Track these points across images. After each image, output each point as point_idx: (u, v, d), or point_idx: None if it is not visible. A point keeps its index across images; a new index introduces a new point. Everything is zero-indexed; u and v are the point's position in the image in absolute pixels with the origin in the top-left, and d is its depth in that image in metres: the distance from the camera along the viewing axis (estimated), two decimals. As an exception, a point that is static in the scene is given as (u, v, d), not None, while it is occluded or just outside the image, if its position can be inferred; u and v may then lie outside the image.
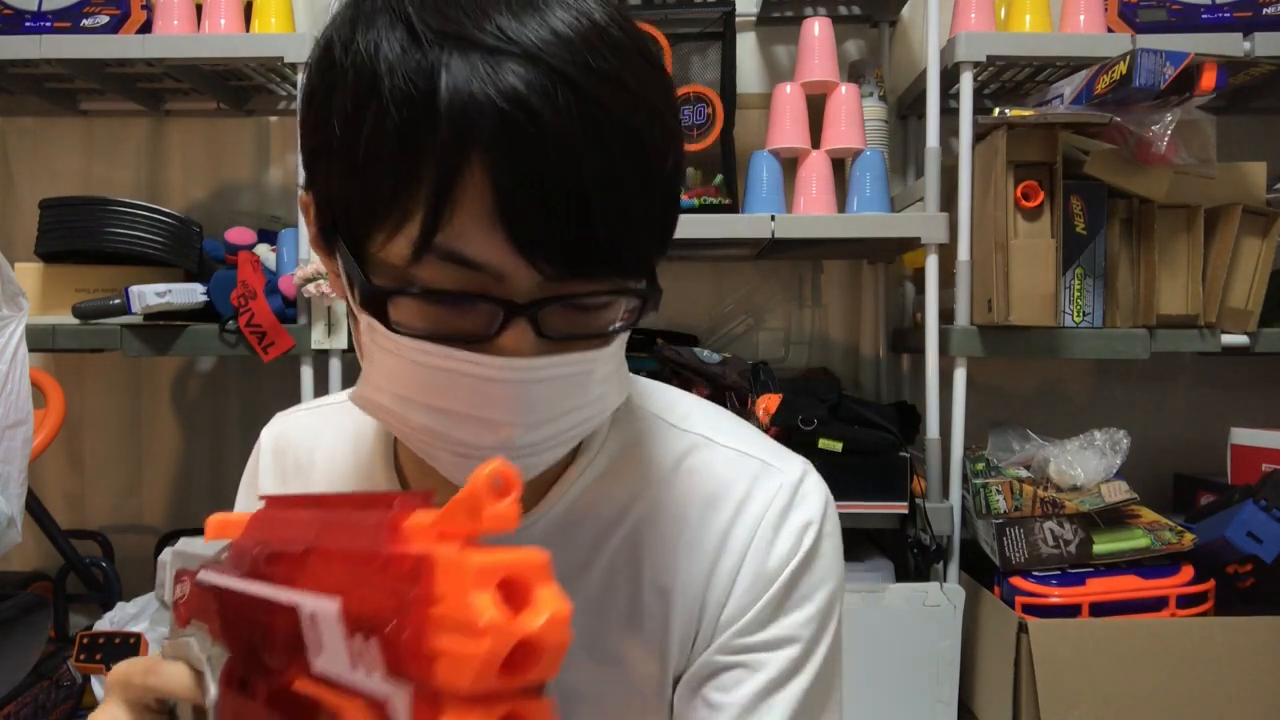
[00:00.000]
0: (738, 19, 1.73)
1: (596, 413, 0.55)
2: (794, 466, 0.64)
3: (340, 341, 1.54)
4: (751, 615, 0.61)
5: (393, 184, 0.46)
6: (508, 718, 0.29)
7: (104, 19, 1.59)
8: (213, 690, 0.44)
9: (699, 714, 0.61)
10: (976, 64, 1.51)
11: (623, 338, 0.55)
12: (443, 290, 0.48)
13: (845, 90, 1.63)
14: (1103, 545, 1.41)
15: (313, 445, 0.71)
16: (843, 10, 1.84)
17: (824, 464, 0.75)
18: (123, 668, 0.48)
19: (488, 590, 0.28)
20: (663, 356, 1.62)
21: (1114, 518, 1.43)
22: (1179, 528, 1.40)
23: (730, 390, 1.59)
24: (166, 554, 0.50)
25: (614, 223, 0.47)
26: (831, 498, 0.65)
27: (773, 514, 0.61)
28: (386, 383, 0.52)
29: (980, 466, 1.52)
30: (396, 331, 0.49)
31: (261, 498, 0.43)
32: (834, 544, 0.64)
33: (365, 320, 0.51)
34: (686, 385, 1.50)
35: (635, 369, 0.74)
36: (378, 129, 0.45)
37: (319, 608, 0.33)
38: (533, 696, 0.29)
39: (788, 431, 1.46)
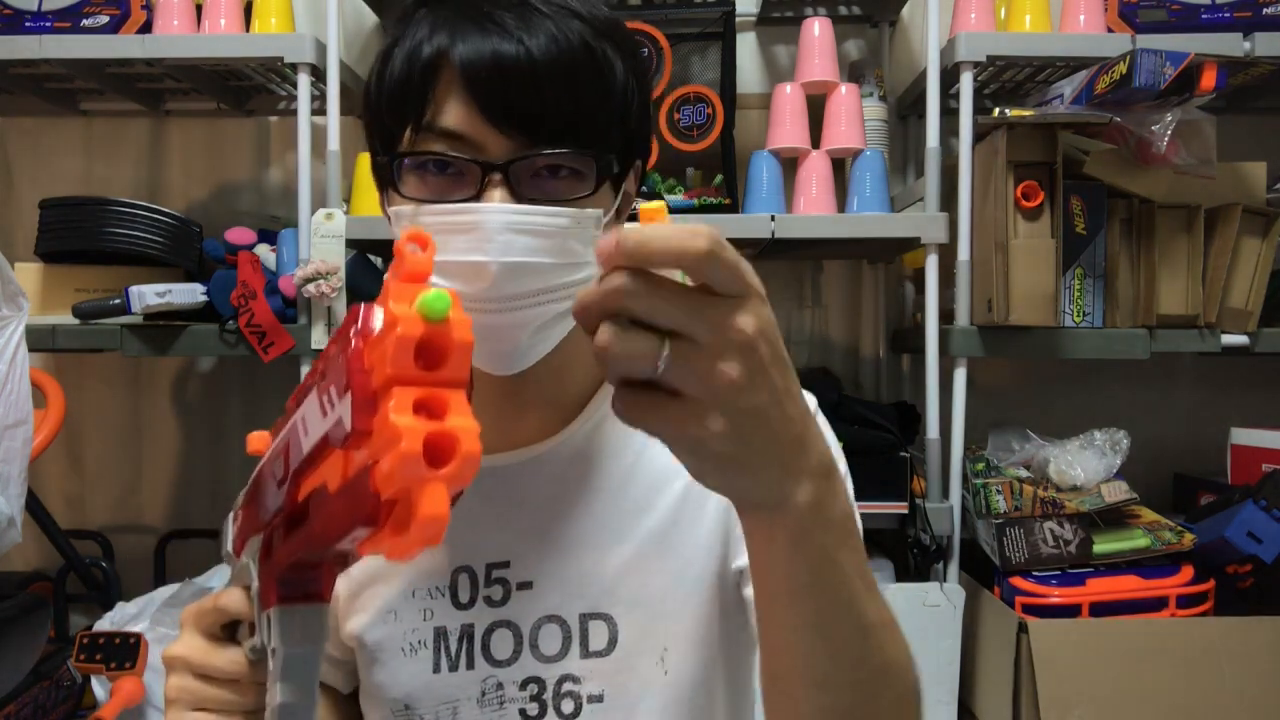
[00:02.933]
0: (738, 19, 1.73)
1: (575, 283, 0.65)
2: None
3: (340, 341, 1.54)
4: None
5: (403, 87, 0.63)
6: (425, 400, 0.34)
7: (104, 19, 1.59)
8: (255, 582, 0.47)
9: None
10: (976, 64, 1.51)
11: (597, 216, 0.66)
12: (432, 153, 0.62)
13: (845, 90, 1.63)
14: (1103, 545, 1.41)
15: None
16: (843, 10, 1.84)
17: (824, 464, 0.78)
18: (192, 606, 0.54)
19: (406, 302, 0.33)
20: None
21: (1114, 518, 1.43)
22: (1179, 528, 1.40)
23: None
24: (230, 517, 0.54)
25: (565, 100, 0.62)
26: None
27: None
28: None
29: (980, 466, 1.52)
30: (405, 197, 0.64)
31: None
32: (826, 424, 0.76)
33: (393, 211, 0.66)
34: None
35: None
36: (399, 58, 0.64)
37: (305, 405, 0.39)
38: (450, 388, 0.34)
39: (788, 431, 1.46)
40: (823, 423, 0.77)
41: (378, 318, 0.34)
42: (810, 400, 0.77)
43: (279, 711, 0.46)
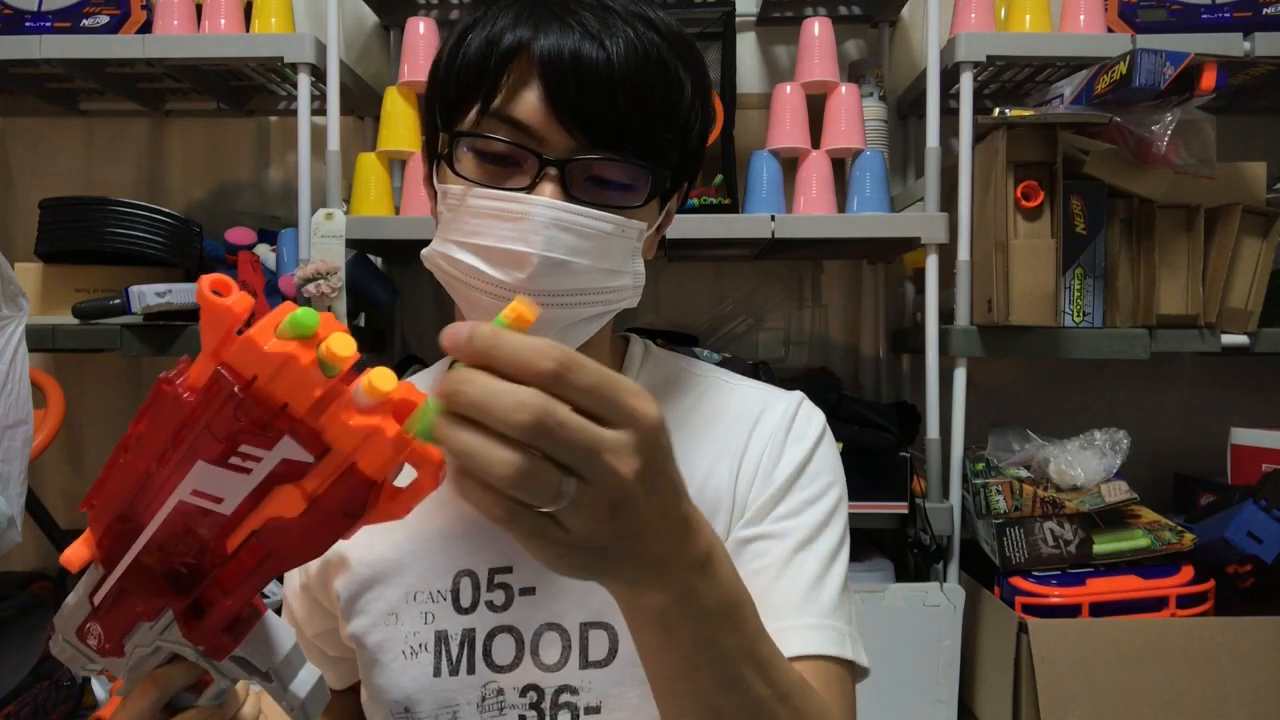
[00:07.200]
0: (738, 19, 1.73)
1: (610, 289, 0.66)
2: (796, 393, 0.79)
3: (340, 341, 1.54)
4: (774, 491, 0.72)
5: (478, 69, 0.64)
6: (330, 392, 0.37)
7: (104, 19, 1.59)
8: (190, 652, 0.48)
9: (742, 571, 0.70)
10: (976, 64, 1.51)
11: (641, 229, 0.67)
12: (495, 138, 0.63)
13: (845, 90, 1.63)
14: (1103, 545, 1.41)
15: None
16: (843, 10, 1.84)
17: (824, 464, 0.78)
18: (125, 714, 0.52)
19: (272, 334, 0.36)
20: (663, 356, 1.62)
21: (1114, 518, 1.43)
22: (1179, 528, 1.40)
23: (730, 390, 1.58)
24: (55, 643, 0.53)
25: (635, 109, 0.63)
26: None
27: (785, 420, 0.75)
28: (447, 234, 0.66)
29: (980, 466, 1.52)
30: (460, 176, 0.65)
31: (80, 509, 0.47)
32: (835, 448, 0.78)
33: (442, 188, 0.68)
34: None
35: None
36: (477, 39, 0.65)
37: (189, 480, 0.40)
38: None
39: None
40: (829, 451, 0.77)
41: (245, 364, 0.36)
42: (818, 422, 0.77)
43: (305, 705, 0.50)
